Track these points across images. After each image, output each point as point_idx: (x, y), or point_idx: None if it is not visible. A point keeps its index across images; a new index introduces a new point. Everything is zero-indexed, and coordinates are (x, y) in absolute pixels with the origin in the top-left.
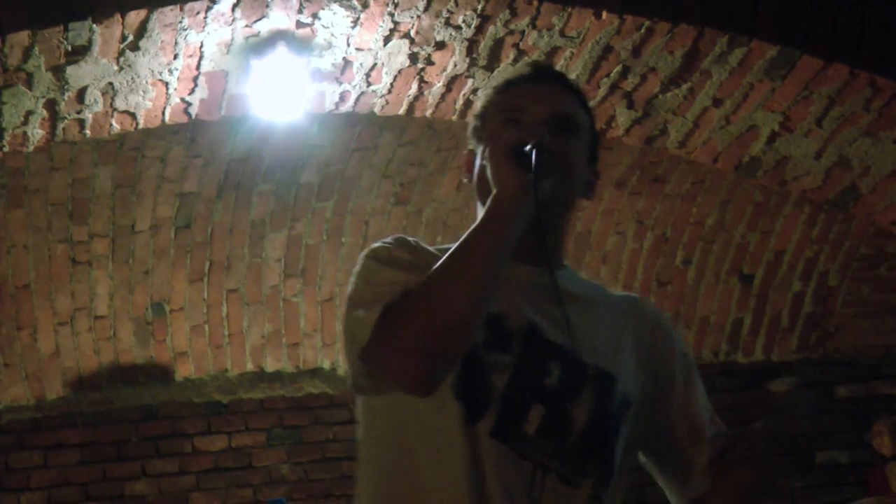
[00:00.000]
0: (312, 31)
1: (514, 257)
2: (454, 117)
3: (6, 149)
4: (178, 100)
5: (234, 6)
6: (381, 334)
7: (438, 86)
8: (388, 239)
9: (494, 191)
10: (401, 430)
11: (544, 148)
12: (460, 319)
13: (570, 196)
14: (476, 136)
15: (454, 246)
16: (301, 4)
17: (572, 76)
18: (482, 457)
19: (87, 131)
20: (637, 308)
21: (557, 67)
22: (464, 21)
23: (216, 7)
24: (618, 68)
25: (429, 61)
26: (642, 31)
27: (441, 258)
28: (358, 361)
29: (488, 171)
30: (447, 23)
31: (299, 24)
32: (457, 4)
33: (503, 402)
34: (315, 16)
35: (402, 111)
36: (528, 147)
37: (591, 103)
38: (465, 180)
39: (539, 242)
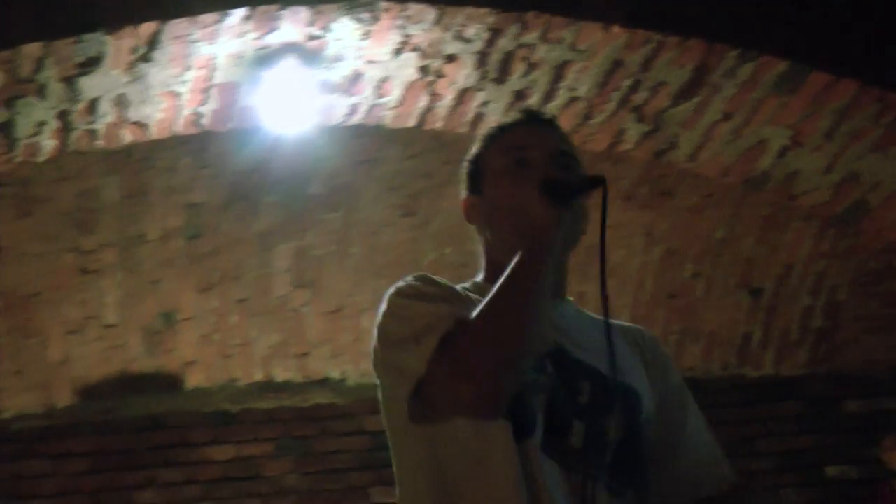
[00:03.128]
0: (323, 43)
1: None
2: (464, 130)
3: (19, 159)
4: (188, 111)
5: (246, 18)
6: (445, 364)
7: (449, 99)
8: (409, 277)
9: (526, 225)
10: (445, 457)
11: (598, 180)
12: (522, 342)
13: (579, 229)
14: (474, 181)
15: (501, 278)
16: (312, 17)
17: (582, 90)
18: (534, 473)
19: (100, 142)
20: (640, 336)
21: (567, 81)
22: (474, 34)
23: (227, 19)
24: (627, 82)
25: (439, 74)
26: (652, 44)
27: (460, 288)
28: (413, 395)
29: (513, 208)
30: (457, 36)
31: (310, 37)
32: (467, 18)
33: (548, 419)
34: (325, 28)
35: (412, 124)
36: (575, 181)
37: (601, 117)
38: (472, 225)
39: (601, 274)
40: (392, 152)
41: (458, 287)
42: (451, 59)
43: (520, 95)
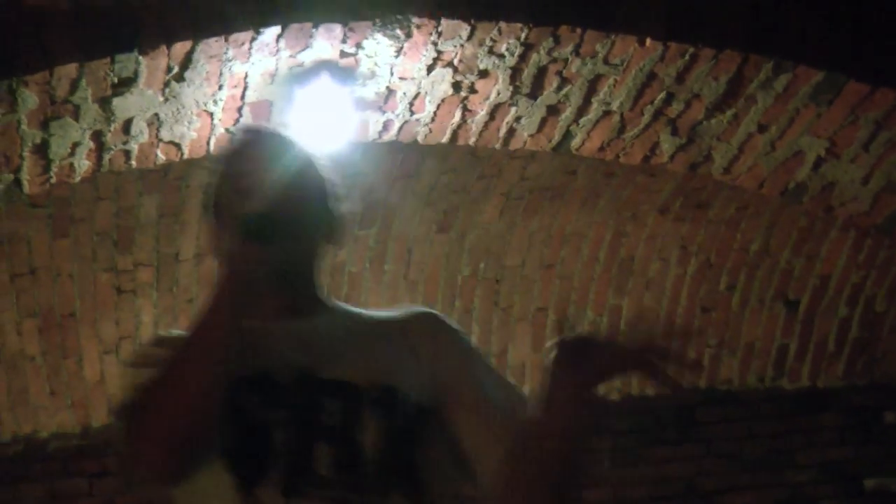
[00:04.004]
0: (356, 60)
1: (268, 316)
2: (498, 145)
3: (53, 180)
4: (222, 130)
5: (279, 37)
6: (125, 434)
7: (482, 114)
8: (147, 340)
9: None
10: None
11: (260, 217)
12: (193, 407)
13: (309, 247)
14: (212, 210)
15: (181, 345)
16: (345, 34)
17: (616, 103)
18: None
19: (133, 162)
20: (419, 319)
21: (601, 95)
22: (507, 49)
23: (261, 37)
24: (662, 95)
25: (472, 90)
26: (686, 57)
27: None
28: (120, 462)
29: (223, 249)
30: (490, 51)
31: (343, 54)
32: (500, 33)
33: (286, 455)
34: (359, 45)
35: (445, 139)
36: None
37: (635, 130)
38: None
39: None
40: (427, 168)
41: None
42: (484, 74)
43: (553, 110)
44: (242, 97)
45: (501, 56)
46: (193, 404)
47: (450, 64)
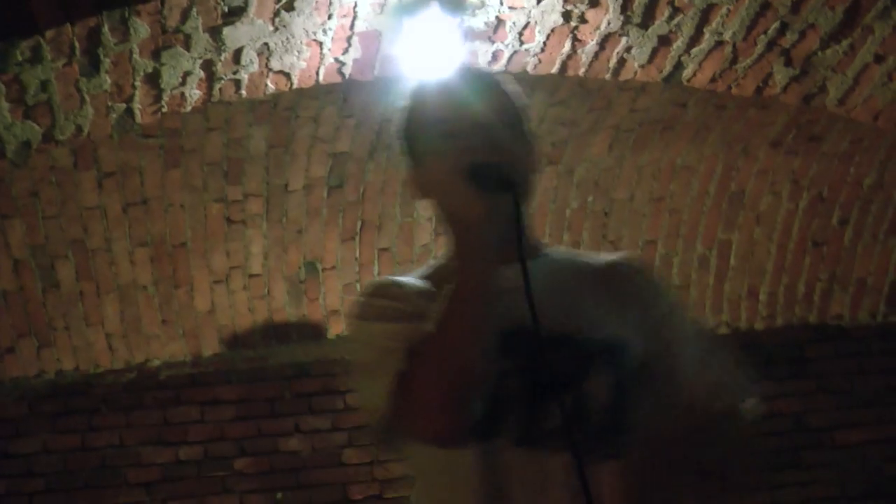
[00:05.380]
0: None
1: (501, 262)
2: (608, 76)
3: (165, 109)
4: (331, 60)
5: None
6: (402, 402)
7: (592, 44)
8: (361, 292)
9: (454, 217)
10: (418, 474)
11: (500, 168)
12: (472, 373)
13: (529, 185)
14: (409, 153)
15: (445, 304)
16: None
17: (728, 33)
18: (500, 470)
19: (243, 92)
20: (617, 273)
21: (713, 25)
22: None
23: None
24: (776, 25)
25: (582, 19)
26: None
27: (419, 286)
28: (378, 427)
29: (442, 197)
30: None
31: None
32: None
33: (518, 406)
34: None
35: (554, 70)
36: (484, 171)
37: (748, 61)
38: (414, 200)
39: (519, 252)
40: (536, 100)
41: (429, 265)
42: (594, 3)
43: (664, 40)
44: (351, 27)
45: None
46: (469, 368)
47: None
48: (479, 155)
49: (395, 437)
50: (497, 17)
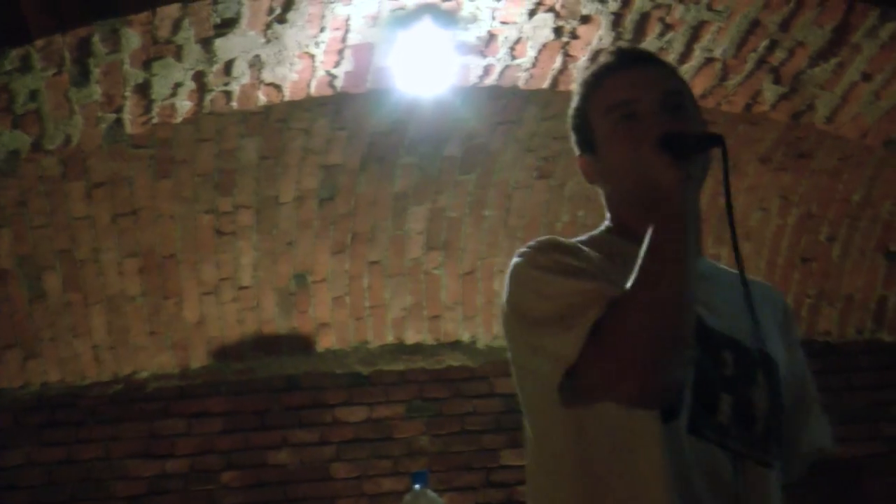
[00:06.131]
0: (458, 4)
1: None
2: None
3: (156, 120)
4: (323, 72)
5: None
6: (600, 354)
7: (583, 60)
8: (536, 244)
9: (650, 190)
10: (591, 443)
11: (683, 137)
12: (682, 327)
13: (709, 164)
14: (584, 139)
15: (643, 257)
16: None
17: (718, 50)
18: (683, 453)
19: (235, 103)
20: (773, 293)
21: (703, 42)
22: None
23: None
24: (765, 42)
25: (574, 35)
26: (791, 4)
27: (595, 261)
28: (563, 380)
29: (632, 171)
30: None
31: None
32: None
33: (695, 396)
34: None
35: (546, 85)
36: (695, 140)
37: (738, 78)
38: (593, 185)
39: (731, 232)
40: (528, 114)
41: (584, 239)
42: (586, 19)
43: None
44: (344, 39)
45: (604, 1)
46: (678, 324)
47: (551, 9)
48: (667, 126)
49: (580, 393)
50: (489, 32)
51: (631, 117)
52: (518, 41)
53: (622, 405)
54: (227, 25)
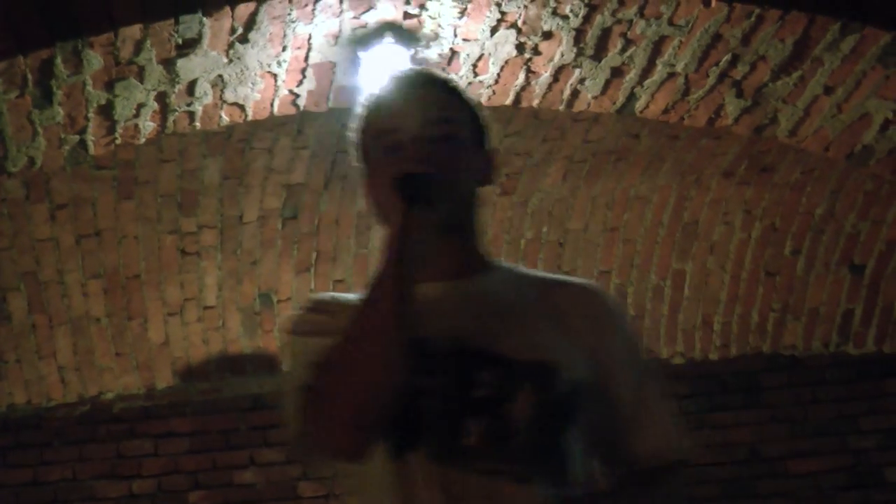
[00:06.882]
0: (419, 21)
1: (432, 277)
2: (561, 107)
3: (119, 141)
4: (286, 91)
5: None
6: (307, 419)
7: (545, 76)
8: (301, 305)
9: (385, 226)
10: (350, 484)
11: (418, 180)
12: (376, 389)
13: (468, 198)
14: (362, 161)
15: (356, 317)
16: None
17: (680, 65)
18: (417, 484)
19: (197, 123)
20: (589, 294)
21: (665, 57)
22: (571, 10)
23: None
24: (727, 57)
25: (535, 51)
26: (752, 18)
27: (357, 301)
28: (294, 443)
29: (376, 208)
30: (554, 12)
31: (406, 15)
32: None
33: (436, 424)
34: (422, 7)
35: (508, 101)
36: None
37: (700, 93)
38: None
39: (451, 258)
40: (490, 131)
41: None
42: (547, 35)
43: (617, 72)
44: (306, 59)
45: (565, 17)
46: (376, 382)
47: (513, 25)
48: (410, 165)
49: (310, 453)
50: (451, 49)
51: (393, 149)
52: (480, 58)
53: (334, 460)
54: (189, 46)
